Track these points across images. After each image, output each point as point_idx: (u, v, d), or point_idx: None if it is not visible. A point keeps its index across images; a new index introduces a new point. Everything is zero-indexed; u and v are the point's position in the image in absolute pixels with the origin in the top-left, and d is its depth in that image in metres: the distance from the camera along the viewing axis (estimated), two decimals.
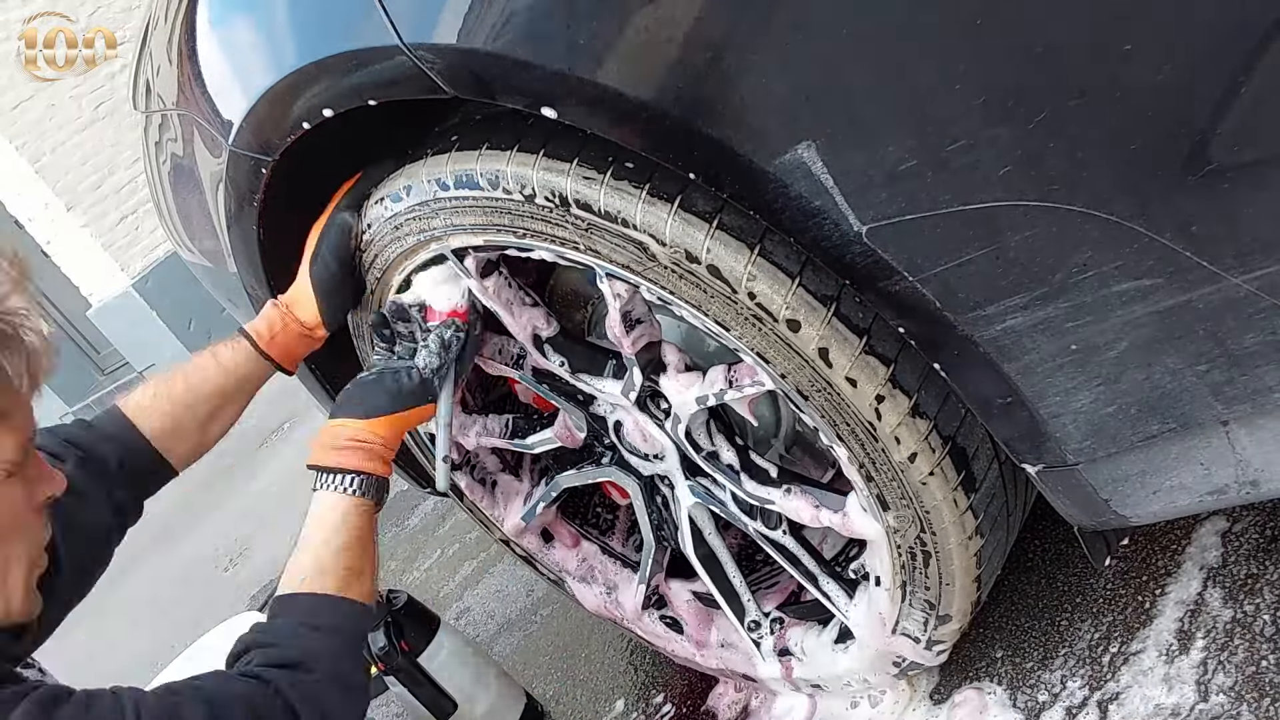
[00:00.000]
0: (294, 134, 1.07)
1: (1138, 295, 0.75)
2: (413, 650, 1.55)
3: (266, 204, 1.19)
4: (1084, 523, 0.97)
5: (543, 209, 1.01)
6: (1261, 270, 0.70)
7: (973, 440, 1.00)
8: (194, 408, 1.23)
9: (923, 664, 1.24)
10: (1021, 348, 0.81)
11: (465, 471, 1.54)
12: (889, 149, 0.73)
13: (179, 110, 1.27)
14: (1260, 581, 1.15)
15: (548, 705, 1.75)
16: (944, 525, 1.02)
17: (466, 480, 1.54)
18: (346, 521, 1.07)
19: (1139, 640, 1.20)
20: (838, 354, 0.93)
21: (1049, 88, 0.67)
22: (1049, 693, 1.24)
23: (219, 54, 1.15)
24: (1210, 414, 0.80)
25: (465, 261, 1.16)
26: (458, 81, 0.89)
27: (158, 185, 1.49)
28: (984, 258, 0.76)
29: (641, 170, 0.94)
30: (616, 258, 0.99)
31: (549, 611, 2.03)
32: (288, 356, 1.27)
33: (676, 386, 1.15)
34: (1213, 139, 0.66)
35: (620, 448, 1.33)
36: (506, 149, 1.02)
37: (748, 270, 0.91)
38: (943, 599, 1.11)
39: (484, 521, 1.58)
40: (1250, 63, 0.62)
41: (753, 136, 0.77)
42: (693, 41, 0.75)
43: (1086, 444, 0.87)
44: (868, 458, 0.99)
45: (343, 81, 0.98)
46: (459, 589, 2.33)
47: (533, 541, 1.58)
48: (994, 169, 0.71)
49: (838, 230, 0.79)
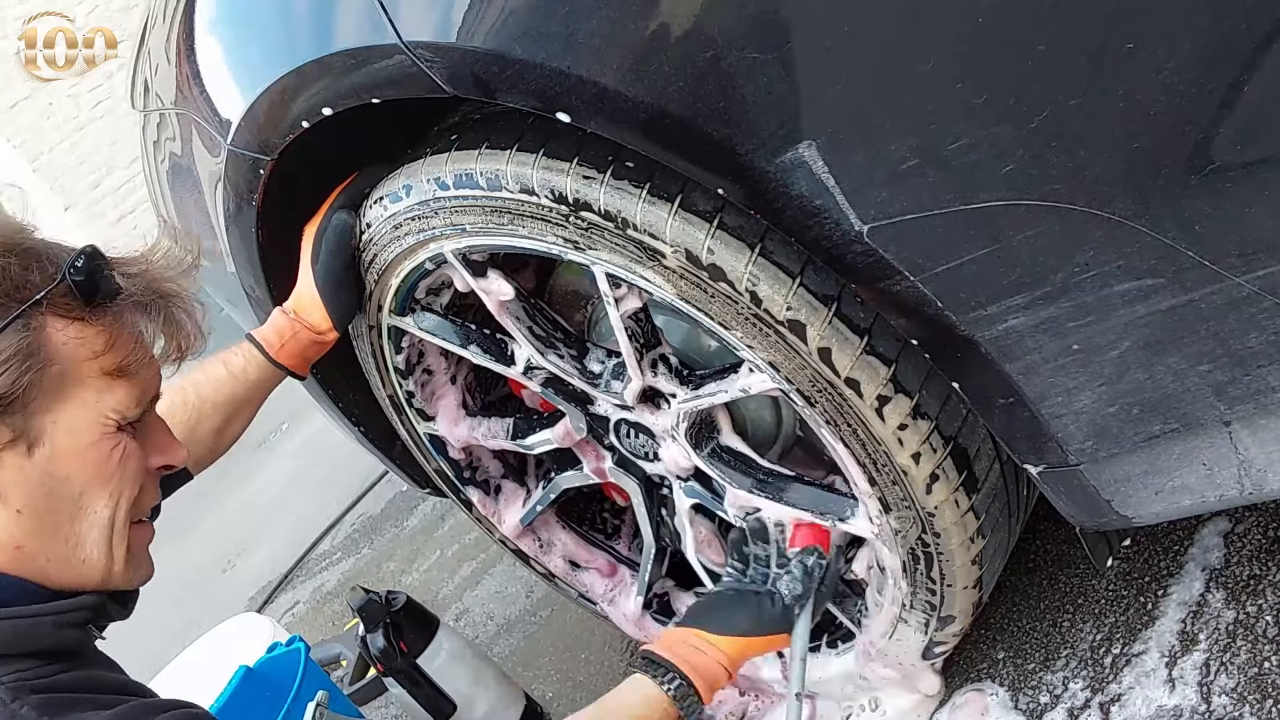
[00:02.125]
0: (292, 133, 1.07)
1: (1140, 295, 0.74)
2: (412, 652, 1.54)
3: (265, 204, 1.18)
4: (1086, 523, 0.97)
5: (543, 208, 1.00)
6: (1264, 270, 0.70)
7: (974, 441, 1.00)
8: (209, 417, 1.24)
9: (923, 665, 1.23)
10: (1023, 348, 0.81)
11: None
12: (890, 148, 0.73)
13: (177, 109, 1.27)
14: (1263, 582, 1.15)
15: (547, 706, 1.75)
16: (945, 526, 1.02)
17: (479, 495, 1.57)
18: (648, 708, 1.03)
19: (1141, 641, 1.20)
20: (839, 354, 0.92)
21: (1051, 86, 0.67)
22: (1051, 694, 1.23)
23: (217, 53, 1.15)
24: (1213, 414, 0.80)
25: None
26: (457, 80, 0.89)
27: (156, 185, 1.49)
28: (986, 257, 0.76)
29: (642, 170, 0.93)
30: (617, 258, 0.99)
31: (548, 613, 2.03)
32: (300, 362, 1.28)
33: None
34: (1215, 138, 0.66)
35: (620, 448, 1.32)
36: (506, 148, 1.02)
37: (748, 270, 0.91)
38: (944, 600, 1.11)
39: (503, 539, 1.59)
40: (1252, 62, 0.62)
41: (753, 136, 0.77)
42: (693, 40, 0.75)
43: (1088, 444, 0.87)
44: (869, 458, 0.99)
45: (342, 80, 0.98)
46: (458, 590, 2.33)
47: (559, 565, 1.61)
48: (996, 168, 0.71)
49: (839, 230, 0.79)
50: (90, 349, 0.83)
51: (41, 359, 0.80)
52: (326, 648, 2.16)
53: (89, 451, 0.84)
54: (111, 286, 0.85)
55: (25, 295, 0.80)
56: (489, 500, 1.58)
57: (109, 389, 0.84)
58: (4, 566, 0.82)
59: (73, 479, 0.83)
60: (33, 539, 0.82)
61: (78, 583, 0.86)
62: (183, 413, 1.23)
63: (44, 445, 0.81)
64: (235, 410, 1.26)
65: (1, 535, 0.81)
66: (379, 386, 1.45)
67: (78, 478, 0.83)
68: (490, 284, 1.18)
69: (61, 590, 0.85)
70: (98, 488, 0.85)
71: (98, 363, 0.83)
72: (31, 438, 0.81)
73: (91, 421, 0.84)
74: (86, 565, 0.86)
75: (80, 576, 0.86)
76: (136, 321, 0.87)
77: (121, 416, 0.86)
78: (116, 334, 0.85)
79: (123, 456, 0.86)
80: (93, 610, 0.87)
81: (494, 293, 1.19)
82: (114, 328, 0.85)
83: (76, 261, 0.83)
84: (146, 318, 0.87)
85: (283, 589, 2.96)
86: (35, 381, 0.79)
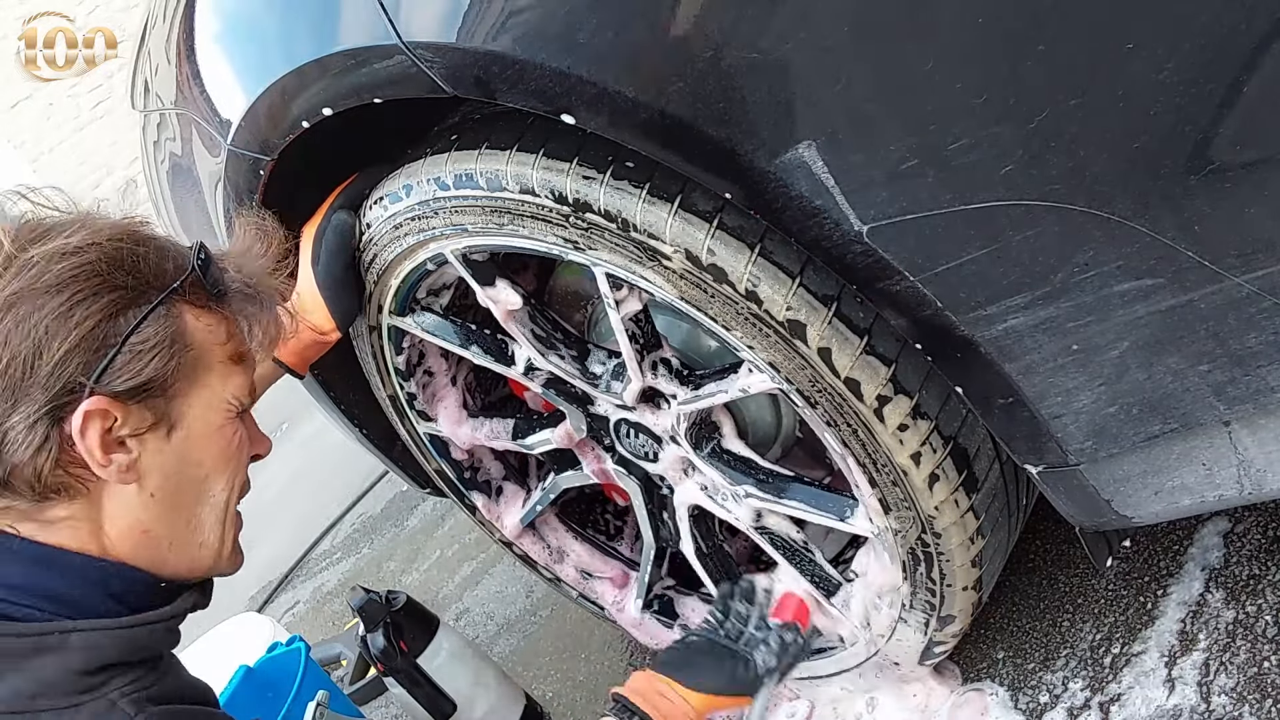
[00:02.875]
0: (292, 133, 1.07)
1: (1139, 295, 0.74)
2: (412, 651, 1.54)
3: (265, 204, 1.18)
4: (1085, 523, 0.97)
5: (543, 209, 1.00)
6: (1263, 270, 0.70)
7: (974, 441, 1.00)
8: None
9: (923, 665, 1.23)
10: (1023, 348, 0.81)
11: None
12: (890, 148, 0.73)
13: (177, 109, 1.27)
14: (1262, 582, 1.15)
15: (547, 706, 1.75)
16: (945, 526, 1.02)
17: (481, 498, 1.57)
18: None
19: (1141, 641, 1.20)
20: (839, 354, 0.92)
21: (1050, 86, 0.67)
22: (1050, 694, 1.23)
23: (217, 53, 1.15)
24: (1212, 414, 0.80)
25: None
26: (457, 80, 0.89)
27: (156, 185, 1.49)
28: (985, 257, 0.76)
29: (642, 170, 0.93)
30: (617, 258, 0.99)
31: (548, 613, 2.03)
32: (300, 361, 1.28)
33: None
34: (1214, 138, 0.65)
35: (620, 447, 1.32)
36: (506, 148, 1.02)
37: (748, 271, 0.91)
38: (944, 600, 1.11)
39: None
40: (1252, 62, 0.62)
41: (753, 136, 0.77)
42: (693, 40, 0.75)
43: (1088, 444, 0.87)
44: (869, 458, 0.99)
45: (342, 80, 0.98)
46: (458, 590, 2.33)
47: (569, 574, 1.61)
48: (995, 168, 0.71)
49: (839, 230, 0.79)
50: (217, 337, 0.87)
51: (183, 345, 0.83)
52: (326, 647, 2.16)
53: (216, 436, 0.88)
54: (225, 278, 0.90)
55: (164, 283, 0.83)
56: (491, 502, 1.58)
57: (231, 375, 0.89)
58: (125, 554, 0.84)
59: (203, 462, 0.87)
60: (160, 522, 0.85)
61: (191, 566, 0.89)
62: None
63: (181, 429, 0.85)
64: None
65: (131, 519, 0.83)
66: (379, 387, 1.45)
67: (206, 461, 0.87)
68: (499, 293, 1.19)
69: (170, 579, 0.87)
70: (220, 471, 0.89)
71: (224, 350, 0.88)
72: (171, 421, 0.84)
73: (219, 406, 0.88)
74: (203, 549, 0.89)
75: (195, 561, 0.89)
76: (246, 310, 0.91)
77: (240, 402, 0.90)
78: (234, 323, 0.89)
79: (240, 442, 0.91)
80: (193, 607, 0.90)
81: (502, 302, 1.19)
82: (233, 317, 0.89)
83: (200, 254, 0.87)
84: (253, 307, 0.92)
85: (283, 589, 2.96)
86: (178, 367, 0.83)
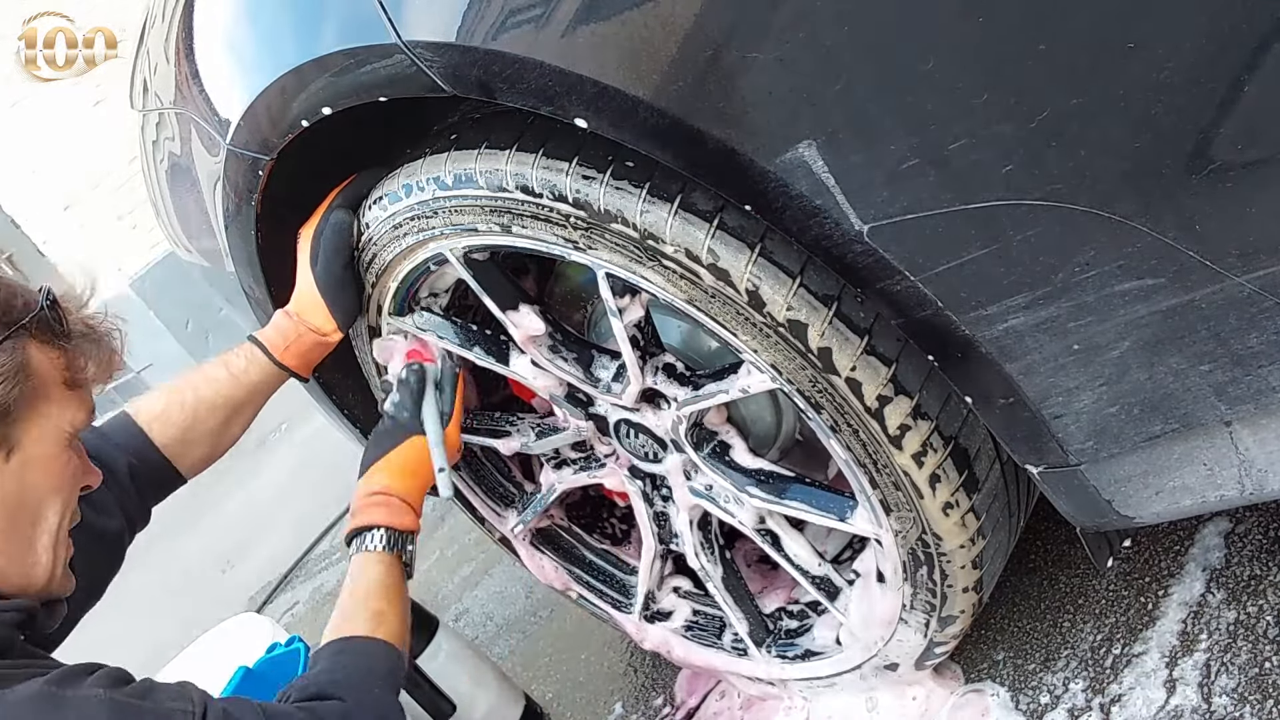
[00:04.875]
0: (292, 133, 1.07)
1: (1140, 295, 0.74)
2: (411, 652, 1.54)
3: (264, 204, 1.18)
4: (1086, 524, 0.97)
5: (543, 208, 1.00)
6: (1265, 270, 0.70)
7: (974, 441, 1.00)
8: (205, 418, 1.26)
9: (923, 666, 1.23)
10: (1024, 348, 0.81)
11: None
12: (890, 148, 0.73)
13: (176, 109, 1.27)
14: (1264, 583, 1.15)
15: (547, 707, 1.75)
16: (946, 527, 1.02)
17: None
18: (383, 571, 1.16)
19: (1141, 642, 1.20)
20: (839, 355, 0.92)
21: (1051, 86, 0.66)
22: (1051, 695, 1.23)
23: (217, 52, 1.15)
24: (1213, 414, 0.80)
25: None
26: (456, 80, 0.89)
27: (155, 185, 1.49)
28: (986, 257, 0.76)
29: (642, 169, 0.93)
30: (617, 258, 0.99)
31: (548, 613, 2.03)
32: (303, 364, 1.29)
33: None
34: (1216, 137, 0.65)
35: (620, 448, 1.32)
36: (505, 148, 1.01)
37: (749, 270, 0.91)
38: (944, 601, 1.11)
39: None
40: (1252, 62, 0.62)
41: (753, 135, 0.77)
42: (693, 39, 0.75)
43: (1089, 444, 0.87)
44: (869, 459, 0.99)
45: (341, 80, 0.98)
46: (458, 590, 2.32)
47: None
48: (996, 168, 0.71)
49: (839, 230, 0.79)
50: (57, 369, 0.95)
51: (25, 375, 0.91)
52: None
53: (52, 461, 0.95)
54: (70, 318, 0.98)
55: (13, 319, 0.92)
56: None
57: (68, 405, 0.96)
58: None
59: (38, 486, 0.94)
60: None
61: (25, 584, 0.94)
62: (179, 413, 1.24)
63: (19, 452, 0.92)
64: (233, 411, 1.26)
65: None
66: (379, 388, 1.45)
67: (42, 485, 0.94)
68: (522, 319, 1.18)
69: (4, 594, 0.93)
70: (53, 495, 0.95)
71: (62, 382, 0.95)
72: (10, 445, 0.91)
73: (57, 433, 0.95)
74: (36, 568, 0.95)
75: (28, 579, 0.95)
76: (84, 348, 0.99)
77: (75, 430, 0.97)
78: (73, 357, 0.97)
79: (73, 469, 0.97)
80: (26, 612, 0.94)
81: (524, 327, 1.19)
82: (72, 352, 0.97)
83: (48, 296, 0.97)
84: (90, 344, 1.00)
85: (283, 589, 2.96)
86: (20, 395, 0.90)
